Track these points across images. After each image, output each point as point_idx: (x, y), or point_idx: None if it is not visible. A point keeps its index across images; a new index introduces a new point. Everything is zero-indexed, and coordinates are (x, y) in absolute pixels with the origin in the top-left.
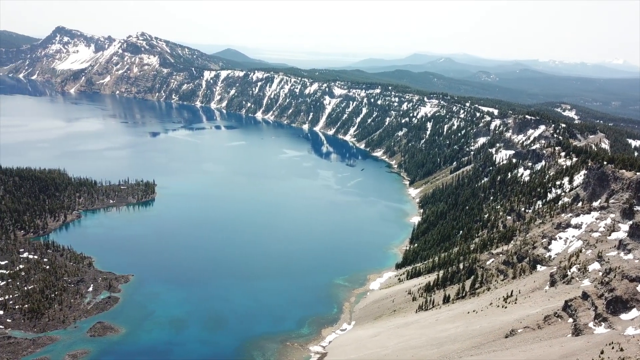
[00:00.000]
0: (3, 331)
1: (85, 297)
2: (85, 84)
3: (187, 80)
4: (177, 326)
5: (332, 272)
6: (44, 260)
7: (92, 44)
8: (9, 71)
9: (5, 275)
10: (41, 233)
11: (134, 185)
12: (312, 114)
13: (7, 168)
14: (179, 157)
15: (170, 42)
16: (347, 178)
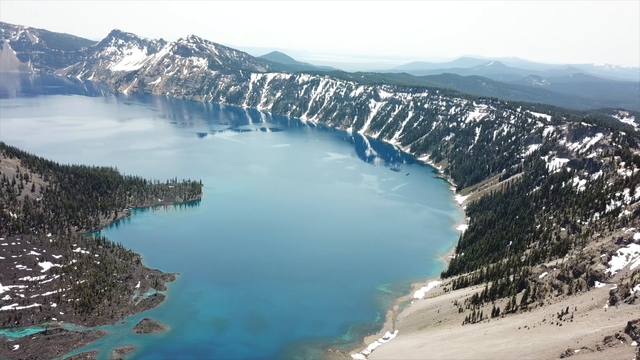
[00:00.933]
0: (56, 323)
1: (132, 294)
2: (137, 85)
3: (235, 83)
4: (219, 326)
5: (375, 278)
6: (95, 255)
7: (145, 46)
8: (67, 72)
9: (59, 269)
10: (93, 229)
11: (181, 185)
12: (357, 117)
13: (64, 165)
14: (224, 158)
15: (219, 45)
16: (391, 182)
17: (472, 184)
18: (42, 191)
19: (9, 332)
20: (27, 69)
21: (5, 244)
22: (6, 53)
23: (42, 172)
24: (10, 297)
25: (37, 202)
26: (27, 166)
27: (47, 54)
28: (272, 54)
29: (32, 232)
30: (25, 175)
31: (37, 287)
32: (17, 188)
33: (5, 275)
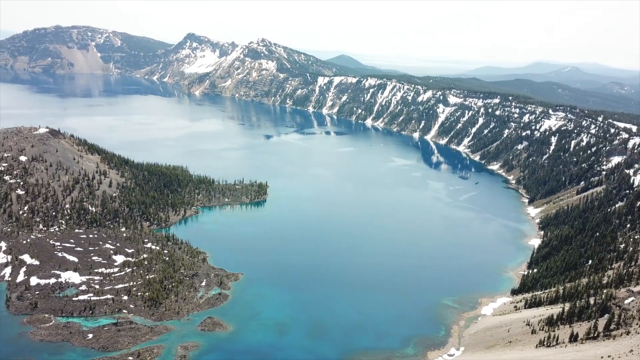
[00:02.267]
0: (126, 316)
1: (198, 291)
2: (208, 86)
3: (302, 86)
4: (280, 330)
5: (440, 291)
6: (164, 251)
7: (217, 49)
8: (145, 74)
9: (131, 263)
10: (163, 225)
11: (247, 186)
12: (424, 122)
13: (139, 163)
14: (290, 161)
15: (288, 48)
16: (459, 191)
17: (546, 196)
18: (118, 187)
19: (84, 321)
20: (109, 70)
21: (84, 236)
22: (91, 55)
23: (119, 169)
24: (87, 287)
25: (114, 197)
26: (106, 162)
27: (127, 56)
28: (339, 57)
29: (108, 225)
30: (104, 171)
31: (110, 279)
32: (96, 183)
33: (82, 266)
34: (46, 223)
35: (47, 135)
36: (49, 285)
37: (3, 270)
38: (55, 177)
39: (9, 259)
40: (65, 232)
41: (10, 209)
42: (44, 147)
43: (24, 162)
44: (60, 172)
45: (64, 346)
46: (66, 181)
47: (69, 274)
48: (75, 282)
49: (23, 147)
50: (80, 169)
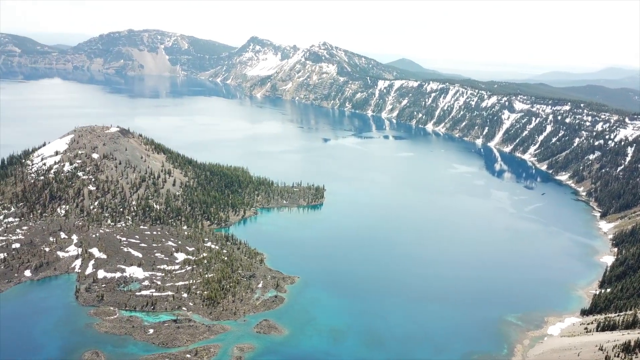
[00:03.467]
0: (185, 313)
1: (254, 293)
2: (269, 89)
3: (361, 89)
4: (335, 336)
5: (502, 306)
6: (223, 251)
7: (279, 52)
8: (209, 76)
9: (191, 261)
10: (223, 225)
11: (305, 189)
12: (488, 128)
13: (201, 163)
14: (347, 164)
15: (349, 52)
16: (524, 202)
17: (620, 211)
18: (181, 186)
19: (146, 316)
20: (176, 72)
21: (148, 233)
22: (160, 57)
23: (183, 168)
24: (149, 283)
25: (177, 196)
26: (171, 162)
27: (193, 58)
28: (399, 61)
29: (171, 223)
30: (169, 170)
31: (171, 276)
32: (161, 182)
33: (146, 262)
34: (114, 218)
35: (118, 134)
36: (115, 279)
37: (74, 262)
38: (123, 175)
39: (80, 251)
40: (131, 228)
41: (83, 203)
42: (114, 145)
43: (96, 160)
44: (129, 170)
45: (127, 339)
46: (133, 179)
47: (133, 269)
48: (139, 277)
49: (96, 145)
50: (147, 168)
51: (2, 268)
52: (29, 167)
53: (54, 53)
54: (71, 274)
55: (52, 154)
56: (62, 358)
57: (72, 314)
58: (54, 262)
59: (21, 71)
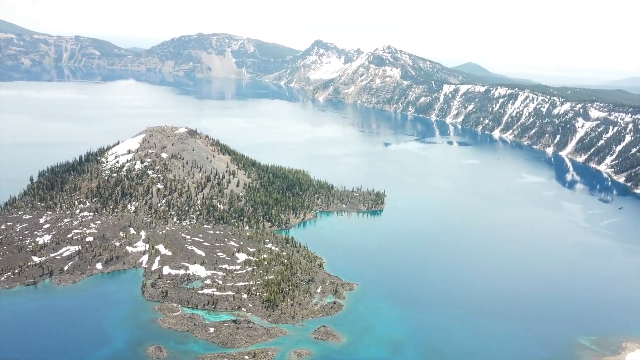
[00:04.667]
0: (245, 314)
1: (313, 297)
2: (332, 92)
3: (425, 93)
4: (394, 348)
5: (574, 328)
6: (283, 253)
7: (342, 56)
8: (273, 78)
9: (252, 262)
10: (283, 227)
11: (365, 194)
12: (559, 136)
13: (264, 164)
14: (409, 170)
15: (413, 55)
16: (599, 216)
17: None
18: (244, 187)
19: (207, 315)
20: (242, 75)
21: (211, 232)
22: (227, 60)
23: (246, 170)
24: (211, 281)
25: (240, 196)
26: (235, 163)
27: (258, 61)
28: (466, 65)
29: (233, 223)
30: (233, 171)
31: (232, 276)
32: (226, 182)
33: (208, 260)
34: (180, 217)
35: (186, 134)
36: (179, 276)
37: (141, 258)
38: (190, 174)
39: (147, 247)
40: (195, 227)
41: (151, 201)
42: (182, 145)
43: (165, 159)
44: (195, 170)
45: (188, 337)
46: (199, 179)
47: (196, 267)
48: (202, 275)
49: (165, 145)
50: (212, 168)
51: (77, 260)
52: (103, 164)
53: (129, 56)
54: (138, 268)
55: (124, 152)
56: (128, 350)
57: (138, 308)
58: (123, 256)
59: (99, 72)
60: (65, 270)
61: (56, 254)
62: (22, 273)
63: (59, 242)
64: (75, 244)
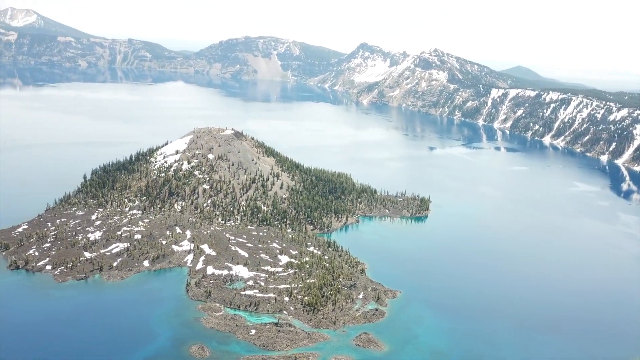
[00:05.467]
0: (286, 317)
1: (355, 303)
2: (376, 95)
3: (473, 97)
4: (437, 359)
5: (633, 347)
6: (325, 257)
7: (388, 59)
8: (318, 81)
9: (294, 264)
10: (325, 230)
11: (409, 199)
12: (615, 144)
13: (307, 167)
14: (455, 175)
15: (461, 58)
16: None
17: None
18: (288, 189)
19: (249, 316)
20: (287, 77)
21: (254, 233)
22: (273, 63)
23: (290, 172)
24: (253, 283)
25: (283, 198)
26: (279, 165)
27: (304, 64)
28: (515, 68)
29: (276, 225)
30: (277, 173)
31: (274, 278)
32: (270, 184)
33: (251, 262)
34: (224, 217)
35: (232, 136)
36: (222, 276)
37: (186, 257)
38: (235, 176)
39: (192, 247)
40: (239, 228)
41: (197, 201)
42: (228, 147)
43: (211, 160)
44: (240, 172)
45: (230, 337)
46: (244, 180)
47: (239, 268)
48: (244, 276)
49: (211, 146)
50: (257, 170)
51: (125, 257)
52: (152, 164)
53: (178, 58)
54: (183, 267)
55: (172, 152)
56: (172, 348)
57: (182, 306)
58: (169, 255)
59: (150, 74)
60: (114, 266)
61: (106, 250)
62: (74, 267)
63: (109, 239)
64: (124, 241)
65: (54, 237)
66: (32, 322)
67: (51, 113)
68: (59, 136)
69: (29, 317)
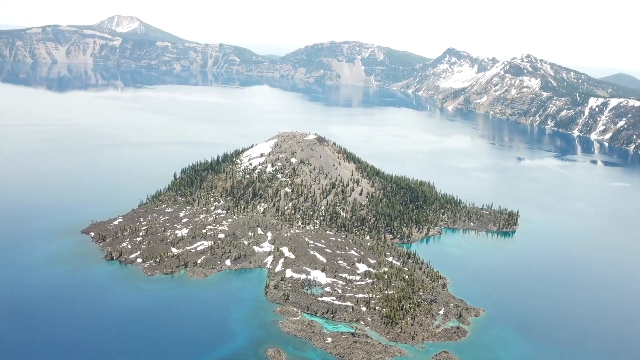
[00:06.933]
0: (363, 328)
1: (435, 319)
2: (462, 102)
3: (568, 106)
4: None
5: None
6: (404, 269)
7: (475, 64)
8: (401, 87)
9: (372, 274)
10: (405, 241)
11: (496, 212)
12: None
13: (388, 174)
14: (546, 189)
15: (555, 65)
16: None
17: None
18: (367, 196)
19: (325, 323)
20: (370, 82)
21: (333, 239)
22: (357, 68)
23: (370, 179)
24: (331, 289)
25: (362, 205)
26: (359, 171)
27: (387, 69)
28: (616, 76)
29: (355, 232)
30: (357, 179)
31: (352, 286)
32: (349, 190)
33: (329, 268)
34: (304, 221)
35: (315, 141)
36: (300, 280)
37: (266, 258)
38: (316, 180)
39: (272, 248)
40: (318, 232)
41: (278, 203)
42: (310, 151)
43: (294, 164)
44: (321, 176)
45: (306, 343)
46: (324, 185)
47: (317, 273)
48: (322, 282)
49: (294, 151)
50: (338, 175)
51: (209, 255)
52: (238, 165)
53: (265, 63)
54: (263, 268)
55: (257, 155)
56: (249, 349)
57: (260, 308)
58: (250, 255)
59: (238, 78)
60: (198, 263)
61: (191, 247)
62: (162, 262)
63: (195, 236)
64: (208, 240)
65: (145, 232)
66: (122, 312)
67: (147, 113)
68: (154, 135)
69: (120, 307)
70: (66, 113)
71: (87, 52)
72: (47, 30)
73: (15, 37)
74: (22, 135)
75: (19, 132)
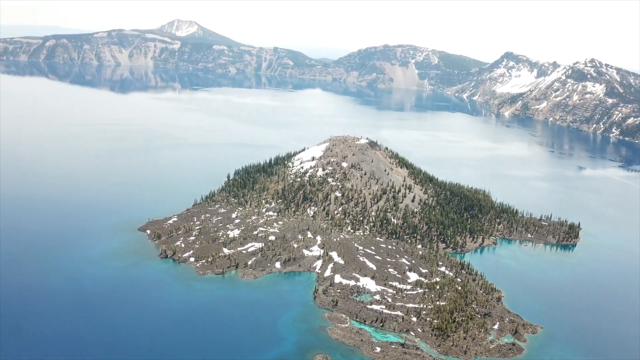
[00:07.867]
0: (413, 339)
1: (489, 334)
2: (520, 108)
3: (635, 114)
4: None
5: None
6: (457, 280)
7: (535, 69)
8: (455, 91)
9: (423, 283)
10: (458, 251)
11: (555, 224)
12: None
13: (442, 181)
14: (610, 201)
15: (622, 70)
16: None
17: None
18: (420, 203)
19: (374, 332)
20: (423, 86)
21: (383, 246)
22: (410, 71)
23: (423, 185)
24: (380, 298)
25: (414, 212)
26: (412, 177)
27: (442, 73)
28: None
29: (406, 240)
30: (409, 185)
31: (402, 295)
32: (401, 196)
33: (379, 275)
34: (354, 226)
35: (367, 145)
36: (349, 286)
37: (315, 262)
38: (367, 185)
39: (321, 253)
40: (368, 238)
41: (329, 208)
42: (362, 156)
43: (345, 168)
44: (372, 181)
45: (354, 352)
46: (375, 190)
47: (366, 280)
48: (371, 289)
49: (346, 155)
50: (389, 181)
51: (259, 257)
52: (289, 168)
53: (318, 66)
54: (312, 272)
55: (309, 159)
56: (297, 354)
57: (309, 313)
58: (299, 258)
59: (291, 81)
60: (249, 264)
61: (242, 248)
62: (214, 262)
63: (246, 238)
64: (259, 241)
65: (198, 231)
66: (174, 309)
67: (203, 115)
68: (209, 136)
69: (172, 305)
70: (129, 114)
71: (148, 55)
72: (112, 35)
73: (83, 41)
74: (89, 134)
75: (86, 132)
